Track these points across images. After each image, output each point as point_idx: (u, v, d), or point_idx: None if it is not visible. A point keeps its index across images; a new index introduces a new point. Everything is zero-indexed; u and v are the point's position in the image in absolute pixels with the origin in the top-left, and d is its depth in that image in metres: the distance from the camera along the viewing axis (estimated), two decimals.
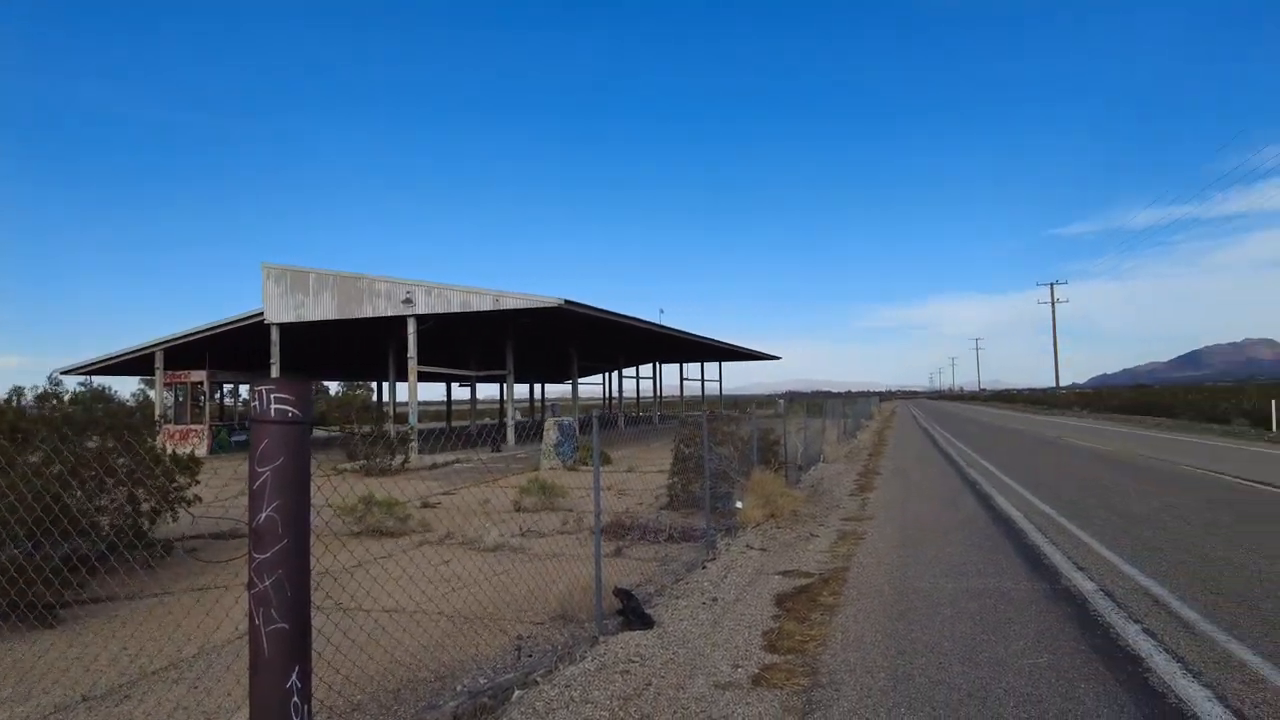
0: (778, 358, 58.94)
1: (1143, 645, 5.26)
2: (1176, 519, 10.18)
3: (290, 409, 2.95)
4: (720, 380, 57.66)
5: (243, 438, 32.09)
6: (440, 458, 24.11)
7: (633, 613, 6.00)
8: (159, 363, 31.81)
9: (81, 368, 34.82)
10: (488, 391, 53.76)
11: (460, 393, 54.35)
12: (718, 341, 43.11)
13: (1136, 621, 5.80)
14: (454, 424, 52.17)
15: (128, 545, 8.06)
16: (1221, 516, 10.26)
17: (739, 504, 10.97)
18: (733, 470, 12.14)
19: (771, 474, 12.19)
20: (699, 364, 55.85)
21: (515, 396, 35.56)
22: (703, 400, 57.03)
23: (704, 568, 8.09)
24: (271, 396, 2.92)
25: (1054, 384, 79.14)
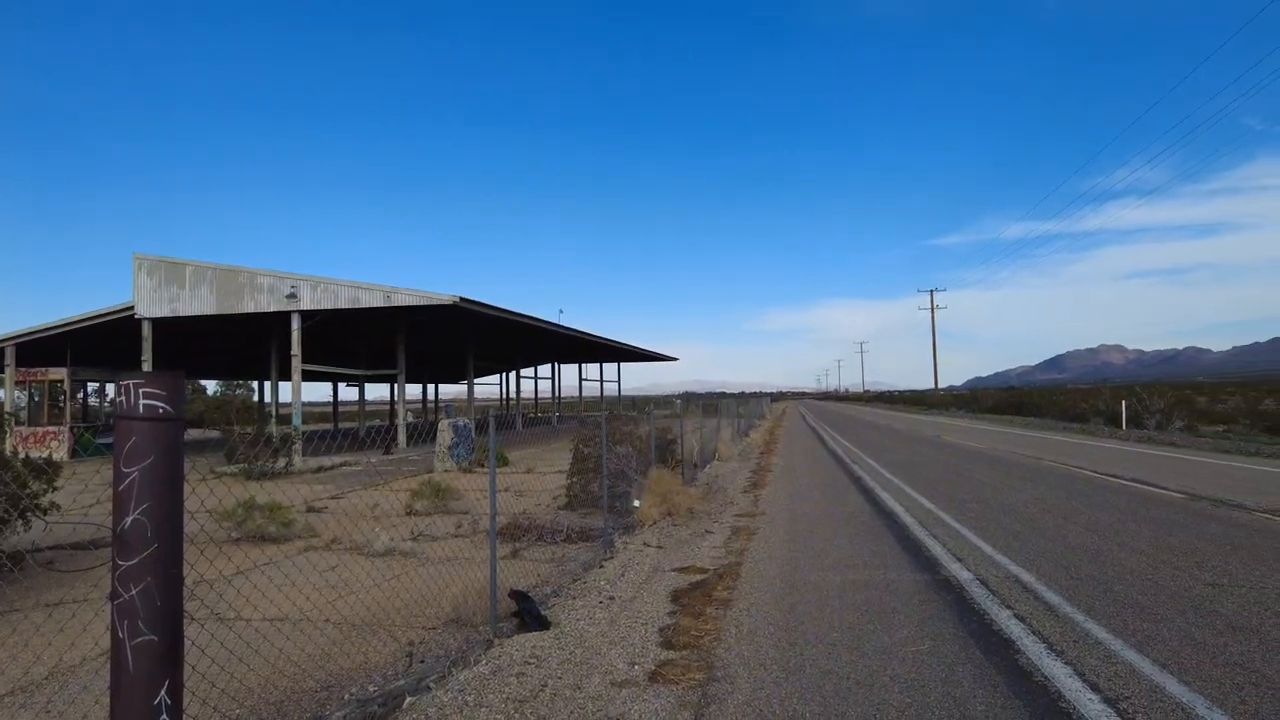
0: (675, 359, 59.71)
1: (1014, 629, 5.60)
2: (1042, 510, 10.91)
3: (161, 404, 2.75)
4: (619, 381, 57.94)
5: (109, 440, 29.87)
6: (327, 460, 23.16)
7: (529, 614, 5.92)
8: (9, 359, 29.21)
9: None
10: (377, 392, 51.94)
11: (348, 393, 52.37)
12: (616, 342, 43.28)
13: (1008, 607, 6.17)
14: (341, 426, 50.23)
15: None
16: (1080, 507, 11.06)
17: (636, 503, 11.03)
18: (631, 469, 12.20)
19: (669, 472, 12.32)
20: (598, 365, 55.91)
21: (407, 397, 34.59)
22: (602, 401, 57.13)
23: (601, 567, 8.08)
24: (140, 391, 2.71)
25: (933, 386, 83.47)
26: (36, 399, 29.65)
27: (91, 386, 36.81)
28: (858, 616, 6.07)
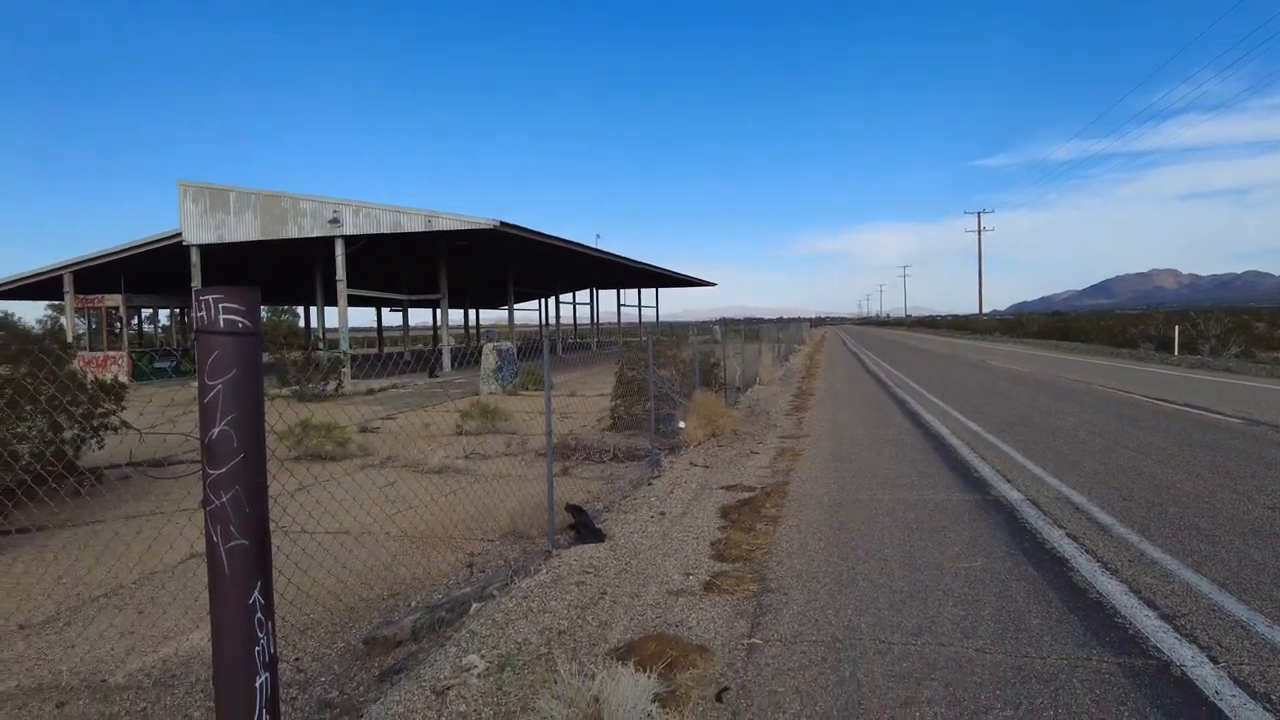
0: (713, 284, 59.26)
1: (1066, 548, 5.61)
2: (1092, 434, 10.78)
3: (240, 319, 2.81)
4: (657, 307, 57.81)
5: (165, 365, 30.83)
6: (375, 383, 23.69)
7: (584, 527, 6.08)
8: (68, 286, 30.04)
9: None
10: (419, 317, 52.66)
11: (391, 318, 53.13)
12: (654, 267, 43.01)
13: (1060, 527, 6.17)
14: (386, 350, 51.17)
15: (53, 474, 7.74)
16: (1131, 431, 10.91)
17: (682, 424, 11.14)
18: (674, 392, 12.28)
19: (712, 395, 12.38)
20: (635, 290, 55.77)
21: (449, 322, 34.97)
22: (640, 326, 57.20)
23: (650, 484, 8.24)
24: (220, 306, 2.77)
25: (977, 310, 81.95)
26: (94, 325, 30.57)
27: (145, 312, 37.84)
28: (908, 534, 6.13)
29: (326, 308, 35.23)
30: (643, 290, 55.98)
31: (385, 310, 49.10)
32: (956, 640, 4.10)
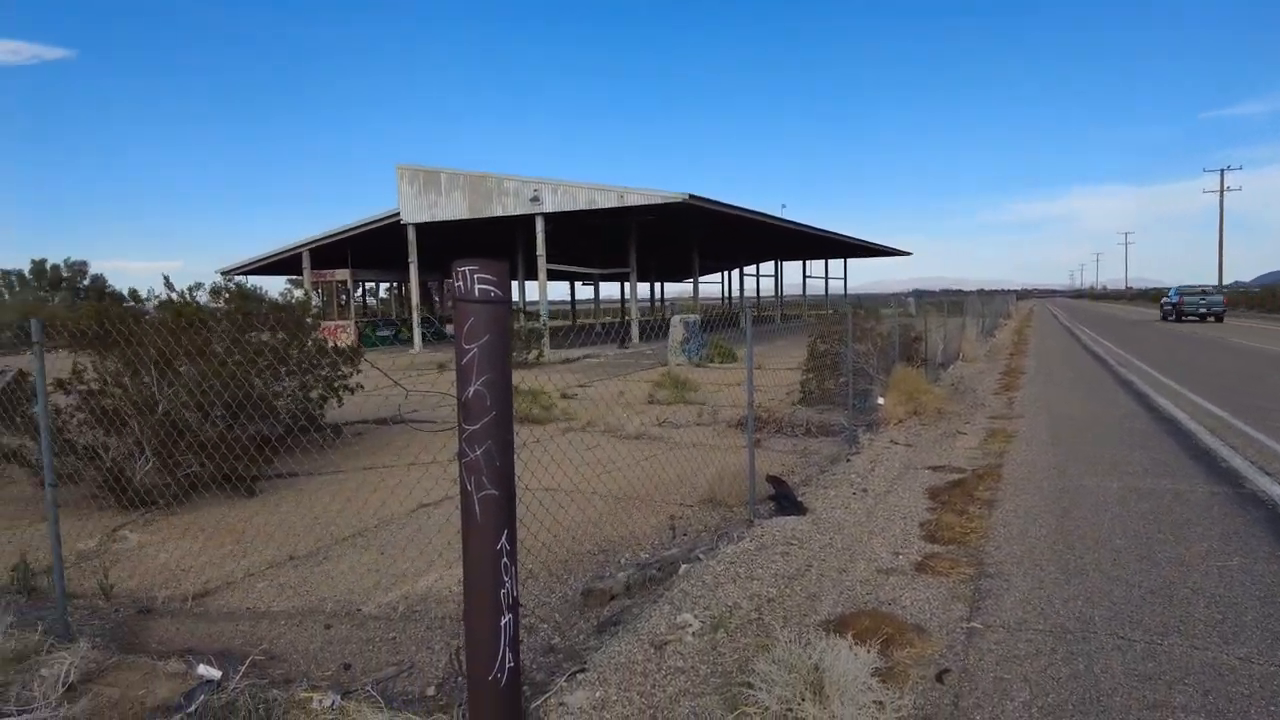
0: (908, 253, 56.49)
1: None
2: None
3: (492, 288, 3.05)
4: (845, 278, 55.99)
5: (386, 333, 34.06)
6: (571, 353, 24.84)
7: (785, 499, 6.08)
8: (306, 262, 33.83)
9: (238, 268, 37.53)
10: (607, 291, 54.46)
11: (582, 292, 55.32)
12: (844, 236, 41.64)
13: None
14: (578, 322, 53.41)
15: (302, 428, 8.81)
16: None
17: (880, 400, 10.78)
18: (870, 367, 11.89)
19: (913, 371, 11.87)
20: (822, 261, 54.29)
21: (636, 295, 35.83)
22: (826, 298, 55.71)
23: (848, 461, 8.07)
24: (475, 277, 3.02)
25: (1217, 282, 72.28)
26: (325, 298, 34.29)
27: (367, 285, 41.86)
28: (1143, 525, 5.59)
29: (527, 282, 37.24)
30: (830, 261, 54.42)
31: (577, 284, 51.21)
32: (1214, 645, 3.71)
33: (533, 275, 28.00)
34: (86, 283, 51.79)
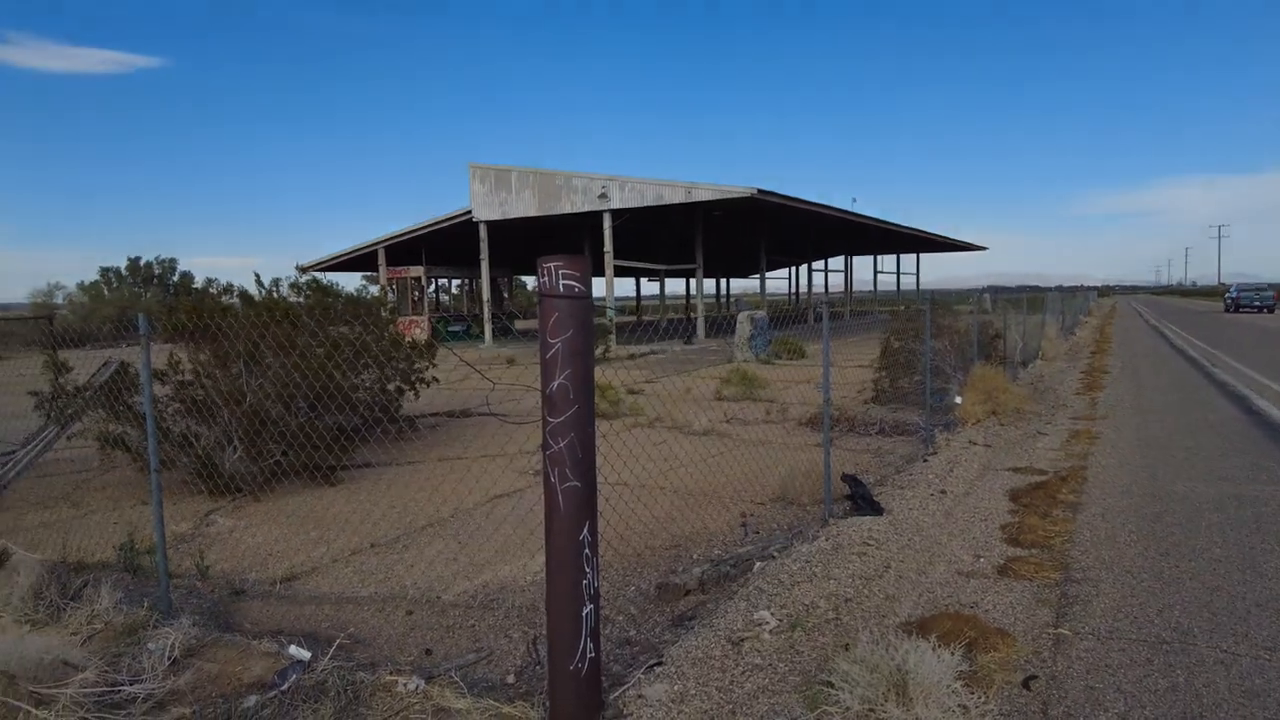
0: (983, 248, 54.73)
1: None
2: None
3: (576, 284, 3.09)
4: (917, 274, 54.60)
5: (458, 329, 34.80)
6: (637, 349, 24.93)
7: (861, 498, 5.98)
8: (381, 259, 34.79)
9: (316, 264, 38.84)
10: (672, 287, 54.42)
11: (648, 287, 55.42)
12: (917, 230, 40.64)
13: None
14: (643, 318, 53.55)
15: (378, 420, 9.07)
16: None
17: (958, 399, 10.50)
18: (947, 365, 11.58)
19: (992, 370, 11.52)
20: (894, 256, 53.08)
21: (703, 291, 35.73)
22: (898, 295, 54.48)
23: (925, 461, 7.89)
24: (559, 273, 3.07)
25: None
26: (399, 294, 35.21)
27: (439, 282, 42.83)
28: (1245, 534, 5.31)
29: (594, 278, 37.49)
30: (901, 256, 53.18)
31: (643, 280, 51.34)
32: None
33: (599, 271, 28.23)
34: (175, 279, 54.44)
